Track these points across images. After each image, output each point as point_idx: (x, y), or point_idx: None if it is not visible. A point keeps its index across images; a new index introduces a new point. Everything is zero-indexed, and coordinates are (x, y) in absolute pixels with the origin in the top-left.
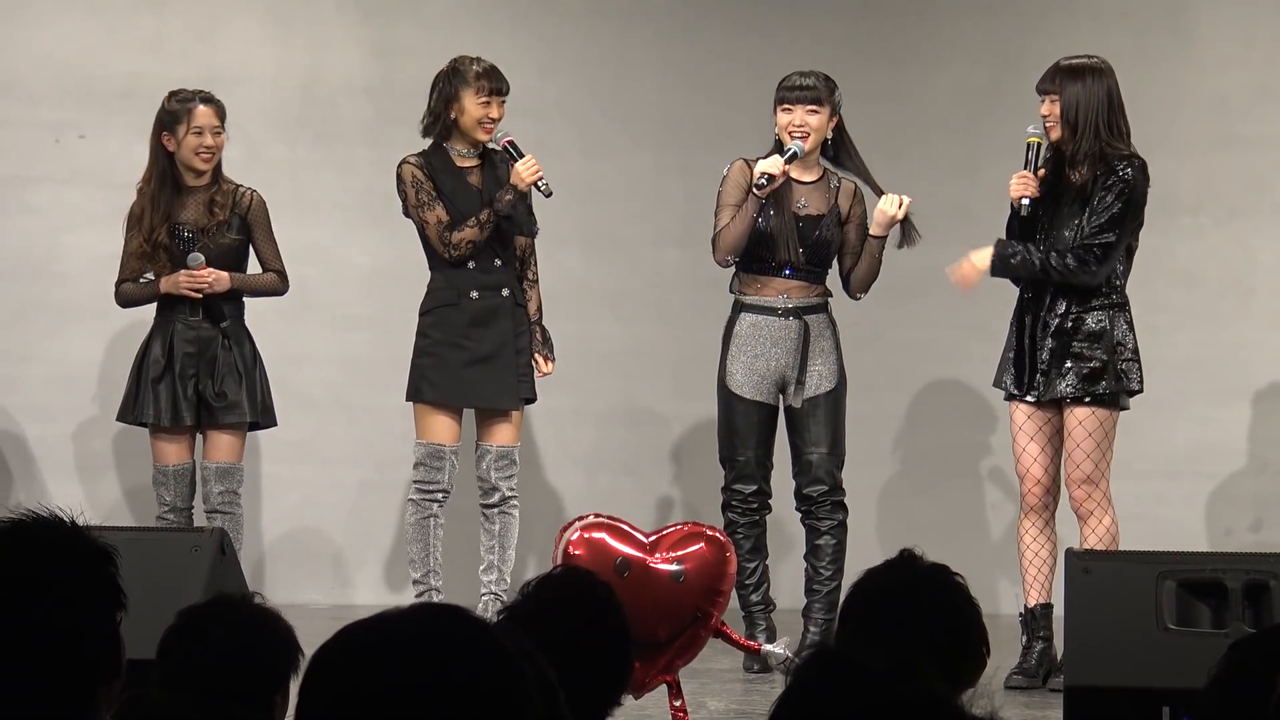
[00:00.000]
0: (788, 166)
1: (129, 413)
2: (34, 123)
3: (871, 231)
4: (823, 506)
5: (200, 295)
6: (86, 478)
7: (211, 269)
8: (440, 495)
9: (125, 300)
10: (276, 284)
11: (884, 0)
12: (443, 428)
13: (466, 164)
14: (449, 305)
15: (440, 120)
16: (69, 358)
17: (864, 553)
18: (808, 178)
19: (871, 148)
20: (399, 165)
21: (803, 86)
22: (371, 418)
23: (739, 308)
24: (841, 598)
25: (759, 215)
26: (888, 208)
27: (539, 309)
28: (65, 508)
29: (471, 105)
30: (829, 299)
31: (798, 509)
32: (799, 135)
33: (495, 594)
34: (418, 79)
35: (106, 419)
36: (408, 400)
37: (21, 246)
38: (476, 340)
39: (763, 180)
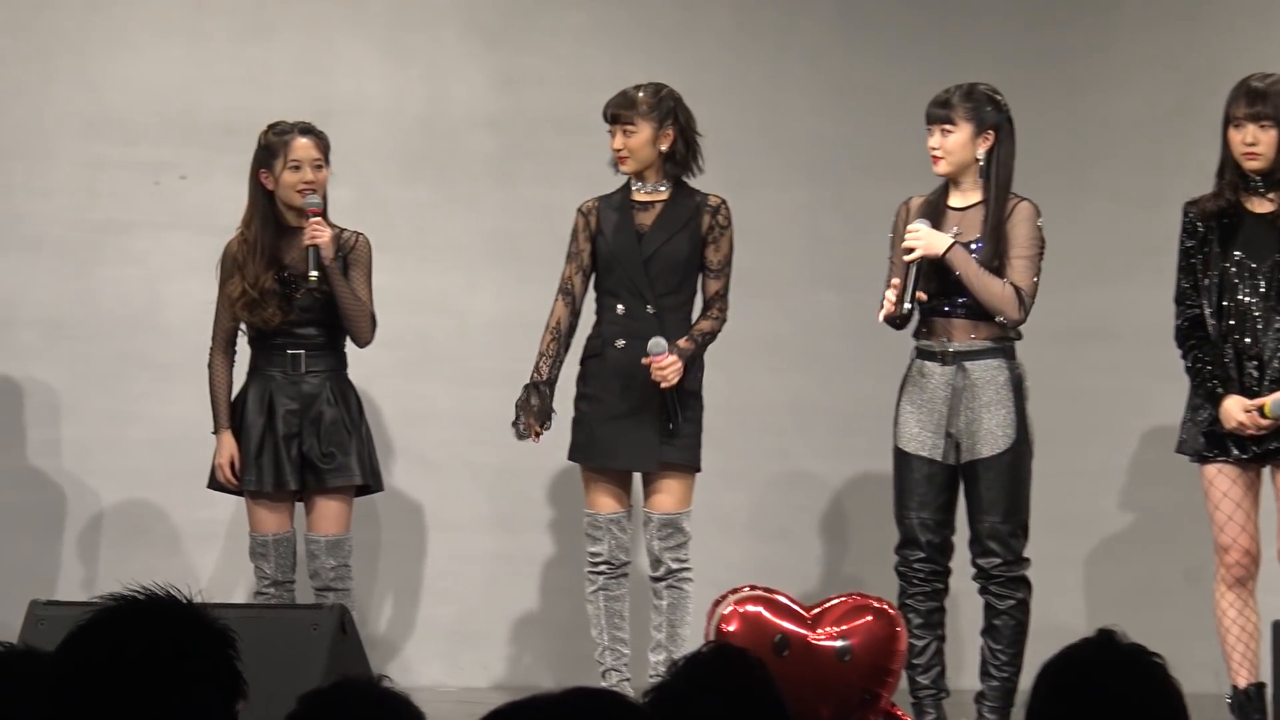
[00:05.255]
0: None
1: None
2: (132, 163)
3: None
4: (997, 581)
5: (318, 240)
6: (191, 549)
7: (324, 223)
8: (604, 567)
9: (210, 382)
10: (366, 317)
11: (1058, 15)
12: (597, 492)
13: (644, 198)
14: (595, 356)
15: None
16: (172, 418)
17: (1045, 623)
18: (961, 202)
19: (1046, 177)
20: None
21: (935, 104)
22: (501, 481)
23: (913, 351)
24: (1021, 682)
25: None
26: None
27: (693, 338)
28: (183, 585)
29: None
30: (1008, 342)
31: (974, 580)
32: (933, 159)
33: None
34: (546, 109)
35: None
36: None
37: (120, 297)
38: (618, 395)
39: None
